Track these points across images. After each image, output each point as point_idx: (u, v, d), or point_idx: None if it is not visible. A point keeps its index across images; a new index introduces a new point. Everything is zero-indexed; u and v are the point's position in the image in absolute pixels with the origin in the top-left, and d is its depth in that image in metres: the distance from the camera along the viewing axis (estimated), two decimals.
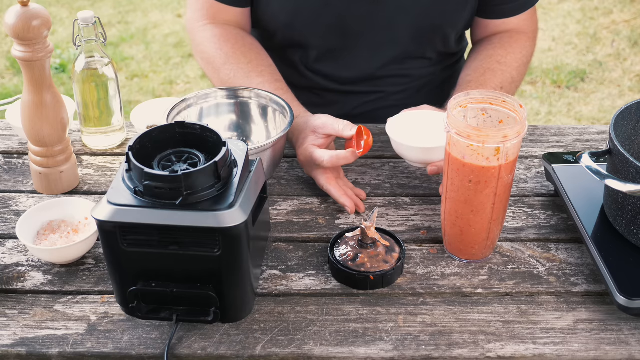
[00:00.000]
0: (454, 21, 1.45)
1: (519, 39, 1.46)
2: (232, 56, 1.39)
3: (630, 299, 1.00)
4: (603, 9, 3.93)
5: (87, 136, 1.37)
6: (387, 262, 1.09)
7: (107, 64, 1.31)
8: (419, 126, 1.25)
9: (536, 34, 1.51)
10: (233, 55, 1.39)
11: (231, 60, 1.39)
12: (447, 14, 1.42)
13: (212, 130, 1.01)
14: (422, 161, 1.22)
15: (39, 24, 1.12)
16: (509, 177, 1.06)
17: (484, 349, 1.00)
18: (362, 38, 1.42)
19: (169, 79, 3.38)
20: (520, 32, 1.48)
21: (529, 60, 1.47)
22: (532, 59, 1.49)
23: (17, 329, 1.02)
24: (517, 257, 1.15)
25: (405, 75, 1.50)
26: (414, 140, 1.21)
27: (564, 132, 1.44)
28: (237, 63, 1.38)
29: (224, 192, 0.96)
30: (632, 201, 1.06)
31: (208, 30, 1.43)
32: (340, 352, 1.00)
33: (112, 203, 0.95)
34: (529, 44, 1.48)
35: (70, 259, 1.12)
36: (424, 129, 1.24)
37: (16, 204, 1.24)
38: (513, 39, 1.46)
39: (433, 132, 1.21)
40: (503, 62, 1.41)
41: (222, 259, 0.97)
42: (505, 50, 1.43)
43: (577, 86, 3.35)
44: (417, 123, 1.25)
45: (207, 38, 1.43)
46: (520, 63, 1.43)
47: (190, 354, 0.99)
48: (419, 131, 1.23)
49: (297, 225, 1.20)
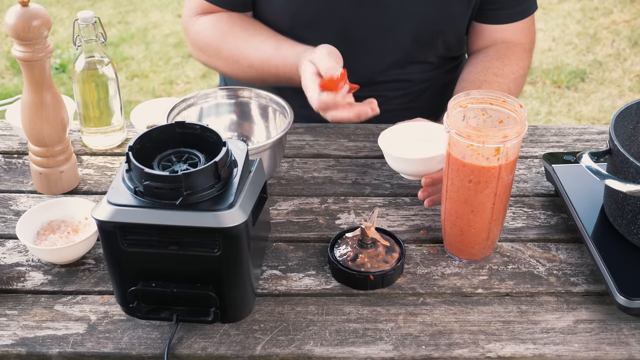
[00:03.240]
0: (456, 25, 1.44)
1: (515, 51, 1.45)
2: (228, 31, 1.39)
3: (630, 299, 1.00)
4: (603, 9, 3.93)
5: (87, 136, 1.37)
6: (387, 262, 1.09)
7: (107, 64, 1.31)
8: (412, 138, 1.23)
9: (533, 46, 1.50)
10: (229, 30, 1.39)
11: (227, 34, 1.39)
12: (450, 18, 1.42)
13: (212, 130, 1.01)
14: (415, 173, 1.21)
15: (39, 24, 1.12)
16: (509, 177, 1.06)
17: (484, 349, 1.00)
18: (365, 43, 1.42)
19: (169, 79, 3.38)
20: (517, 44, 1.46)
21: (526, 72, 1.46)
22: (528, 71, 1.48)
23: (17, 329, 1.02)
24: (517, 257, 1.15)
25: (407, 79, 1.50)
26: (406, 152, 1.20)
27: (564, 132, 1.44)
28: (234, 35, 1.38)
29: (224, 192, 0.96)
30: (632, 201, 1.06)
31: (200, 19, 1.44)
32: (340, 352, 1.00)
33: (112, 203, 0.95)
34: (525, 55, 1.46)
35: (70, 259, 1.12)
36: (416, 141, 1.22)
37: (16, 204, 1.24)
38: (510, 51, 1.45)
39: (426, 144, 1.21)
40: (500, 75, 1.39)
41: (222, 259, 0.97)
42: (501, 62, 1.42)
43: (577, 86, 3.35)
44: (410, 135, 1.24)
45: (200, 25, 1.43)
46: (517, 75, 1.42)
47: (190, 354, 0.99)
48: (411, 144, 1.22)
49: (297, 225, 1.20)
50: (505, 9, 1.44)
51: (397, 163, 1.21)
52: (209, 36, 1.41)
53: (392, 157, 1.20)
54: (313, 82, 1.18)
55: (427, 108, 1.52)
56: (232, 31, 1.39)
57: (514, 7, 1.45)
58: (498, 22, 1.46)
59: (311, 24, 1.40)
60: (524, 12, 1.46)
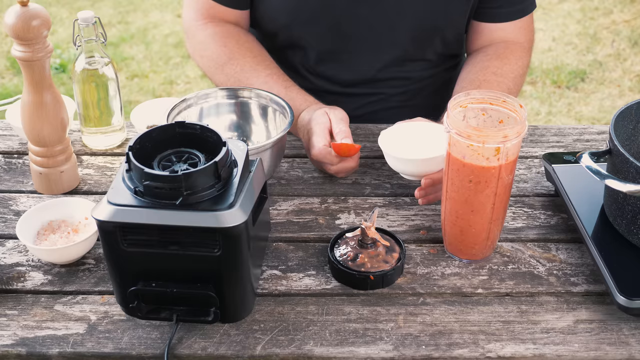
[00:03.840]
0: (454, 22, 1.44)
1: (514, 50, 1.45)
2: (237, 52, 1.40)
3: (630, 299, 1.00)
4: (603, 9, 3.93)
5: (87, 136, 1.37)
6: (387, 262, 1.09)
7: (107, 64, 1.31)
8: (412, 139, 1.23)
9: (531, 44, 1.50)
10: (238, 51, 1.40)
11: (236, 55, 1.39)
12: (448, 16, 1.42)
13: (212, 130, 1.00)
14: (415, 174, 1.21)
15: (38, 24, 1.12)
16: (509, 177, 1.06)
17: (484, 349, 1.00)
18: (363, 40, 1.42)
19: (169, 79, 3.38)
20: (515, 43, 1.46)
21: (525, 71, 1.46)
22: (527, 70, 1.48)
23: (17, 329, 1.02)
24: (517, 257, 1.15)
25: (406, 77, 1.50)
26: (406, 152, 1.20)
27: (564, 132, 1.44)
28: (243, 57, 1.39)
29: (224, 192, 0.96)
30: (632, 201, 1.06)
31: (209, 29, 1.43)
32: (340, 352, 1.00)
33: (112, 203, 0.95)
34: (524, 54, 1.46)
35: (70, 259, 1.12)
36: (416, 142, 1.22)
37: (16, 204, 1.24)
38: (509, 50, 1.45)
39: (426, 145, 1.20)
40: (499, 74, 1.39)
41: (222, 259, 0.97)
42: (501, 61, 1.42)
43: (577, 86, 3.35)
44: (410, 135, 1.23)
45: (208, 36, 1.43)
46: (517, 74, 1.42)
47: (190, 354, 0.99)
48: (411, 144, 1.22)
49: (297, 225, 1.20)
50: (504, 7, 1.44)
51: (397, 163, 1.21)
52: (215, 52, 1.41)
53: (392, 158, 1.20)
54: (323, 132, 1.24)
55: (426, 106, 1.52)
56: (240, 53, 1.40)
57: (513, 6, 1.45)
58: (497, 20, 1.46)
59: (308, 20, 1.40)
60: (522, 10, 1.46)
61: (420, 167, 1.19)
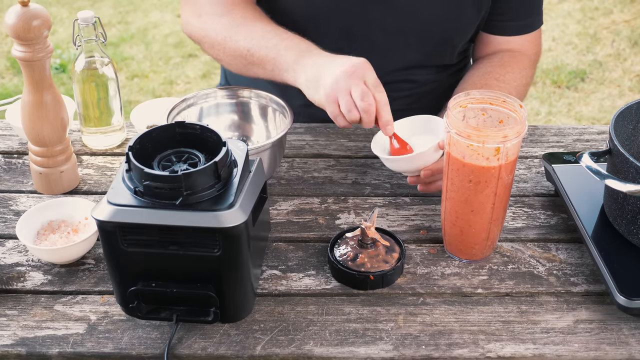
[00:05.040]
0: (464, 32, 1.45)
1: (519, 60, 1.45)
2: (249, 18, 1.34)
3: (630, 299, 1.00)
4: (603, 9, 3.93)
5: (87, 136, 1.37)
6: (387, 262, 1.09)
7: (107, 64, 1.31)
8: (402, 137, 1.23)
9: (538, 58, 1.50)
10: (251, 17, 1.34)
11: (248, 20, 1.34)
12: (460, 25, 1.42)
13: (212, 130, 1.00)
14: (414, 169, 1.20)
15: (39, 24, 1.12)
16: (509, 177, 1.06)
17: (484, 349, 1.00)
18: (373, 43, 1.42)
19: (169, 79, 3.38)
20: (522, 54, 1.47)
21: (529, 82, 1.46)
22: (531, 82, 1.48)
23: (17, 329, 1.02)
24: (517, 257, 1.15)
25: (412, 80, 1.50)
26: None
27: (564, 132, 1.44)
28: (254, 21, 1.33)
29: (224, 192, 0.96)
30: (632, 201, 1.06)
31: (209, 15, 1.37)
32: (340, 352, 1.00)
33: (112, 203, 0.95)
34: (529, 65, 1.46)
35: (70, 259, 1.12)
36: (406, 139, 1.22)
37: (16, 204, 1.24)
38: (514, 59, 1.45)
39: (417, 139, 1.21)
40: (501, 80, 1.39)
41: (222, 259, 0.97)
42: (504, 69, 1.42)
43: (577, 86, 3.35)
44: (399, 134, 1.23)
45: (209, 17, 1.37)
46: (519, 83, 1.42)
47: (190, 354, 0.99)
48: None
49: (297, 225, 1.20)
50: (513, 20, 1.45)
51: (393, 164, 1.21)
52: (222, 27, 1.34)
53: (387, 160, 1.20)
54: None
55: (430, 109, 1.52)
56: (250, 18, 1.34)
57: (522, 20, 1.45)
58: (505, 33, 1.46)
59: (318, 19, 1.40)
60: (530, 25, 1.46)
61: (416, 161, 1.18)
